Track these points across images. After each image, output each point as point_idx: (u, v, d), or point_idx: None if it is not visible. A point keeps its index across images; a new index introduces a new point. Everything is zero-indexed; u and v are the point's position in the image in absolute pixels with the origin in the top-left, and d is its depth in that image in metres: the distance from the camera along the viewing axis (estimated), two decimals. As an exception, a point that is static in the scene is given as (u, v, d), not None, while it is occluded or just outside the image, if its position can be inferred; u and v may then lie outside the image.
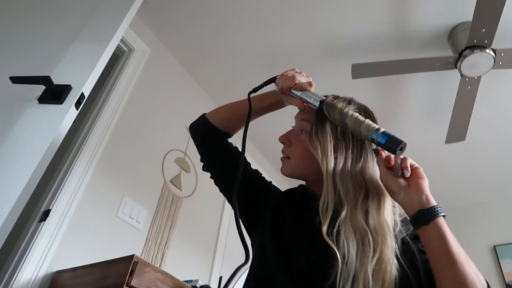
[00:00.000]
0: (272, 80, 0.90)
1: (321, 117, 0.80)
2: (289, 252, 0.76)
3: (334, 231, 0.69)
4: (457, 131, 2.29)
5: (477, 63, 1.88)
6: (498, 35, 1.77)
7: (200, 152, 0.99)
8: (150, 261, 1.79)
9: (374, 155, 0.75)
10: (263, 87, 0.93)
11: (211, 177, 0.99)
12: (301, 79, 0.83)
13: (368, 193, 0.73)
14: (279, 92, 0.87)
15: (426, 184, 0.67)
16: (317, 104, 0.80)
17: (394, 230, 0.70)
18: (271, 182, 0.97)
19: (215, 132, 0.95)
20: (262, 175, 0.97)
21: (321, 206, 0.73)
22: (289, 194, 0.90)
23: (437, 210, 0.64)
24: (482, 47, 1.83)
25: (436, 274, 0.63)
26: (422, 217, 0.64)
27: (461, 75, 1.98)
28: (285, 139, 0.88)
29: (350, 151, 0.78)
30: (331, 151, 0.76)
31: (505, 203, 3.15)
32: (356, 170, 0.76)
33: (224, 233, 2.42)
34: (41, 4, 1.33)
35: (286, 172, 0.87)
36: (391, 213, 0.72)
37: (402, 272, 0.66)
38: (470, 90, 2.04)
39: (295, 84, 0.82)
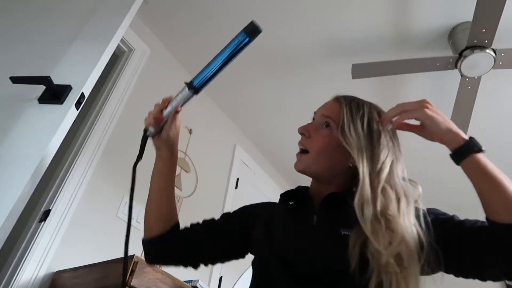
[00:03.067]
0: (144, 135, 0.90)
1: (351, 112, 0.80)
2: (286, 255, 0.74)
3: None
4: (457, 131, 2.28)
5: (477, 63, 1.87)
6: (498, 35, 1.77)
7: (179, 266, 0.93)
8: (150, 261, 1.79)
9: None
10: (143, 148, 0.91)
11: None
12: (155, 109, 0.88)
13: (399, 197, 0.70)
14: (154, 129, 0.89)
15: (435, 124, 0.69)
16: (187, 91, 0.82)
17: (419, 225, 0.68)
18: (244, 206, 0.95)
19: (164, 240, 0.89)
20: (231, 212, 0.95)
21: (356, 204, 0.69)
22: (285, 197, 0.89)
23: (467, 149, 0.65)
24: (482, 47, 1.83)
25: (484, 201, 0.64)
26: (454, 157, 0.67)
27: (461, 75, 1.98)
28: (305, 130, 0.84)
29: (389, 158, 0.75)
30: (366, 152, 0.74)
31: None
32: (387, 173, 0.74)
33: (224, 233, 2.42)
34: (42, 4, 1.33)
35: (302, 167, 0.83)
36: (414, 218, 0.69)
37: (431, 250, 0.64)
38: (470, 90, 2.04)
39: (159, 105, 0.87)
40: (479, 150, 0.65)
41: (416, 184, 0.77)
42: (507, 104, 2.38)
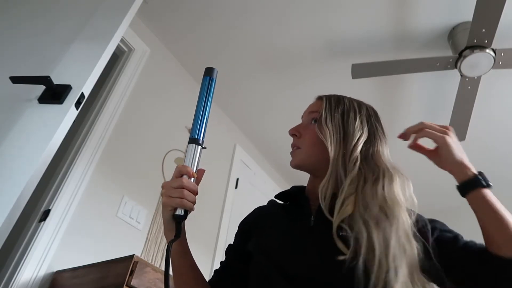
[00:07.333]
0: (180, 219, 0.75)
1: (330, 106, 0.84)
2: (283, 259, 0.73)
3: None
4: (457, 131, 2.28)
5: (477, 63, 1.88)
6: (498, 35, 1.77)
7: None
8: (150, 261, 1.79)
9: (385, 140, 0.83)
10: (180, 230, 0.77)
11: None
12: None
13: (379, 175, 0.74)
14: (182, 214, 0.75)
15: (450, 153, 0.69)
16: (195, 147, 0.80)
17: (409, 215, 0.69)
18: (240, 225, 0.94)
19: None
20: (232, 244, 0.92)
21: (320, 188, 0.74)
22: (279, 198, 0.89)
23: (474, 182, 0.66)
24: (482, 47, 1.83)
25: (487, 235, 0.66)
26: (461, 189, 0.68)
27: (461, 75, 1.98)
28: (295, 131, 0.88)
29: (362, 138, 0.80)
30: (340, 138, 0.79)
31: (504, 203, 3.15)
32: (368, 155, 0.78)
33: (224, 233, 2.42)
34: (42, 4, 1.33)
35: (297, 161, 0.86)
36: (402, 192, 0.72)
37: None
38: (470, 90, 2.04)
39: (182, 179, 0.73)
40: (487, 185, 0.67)
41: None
42: (507, 104, 2.38)
